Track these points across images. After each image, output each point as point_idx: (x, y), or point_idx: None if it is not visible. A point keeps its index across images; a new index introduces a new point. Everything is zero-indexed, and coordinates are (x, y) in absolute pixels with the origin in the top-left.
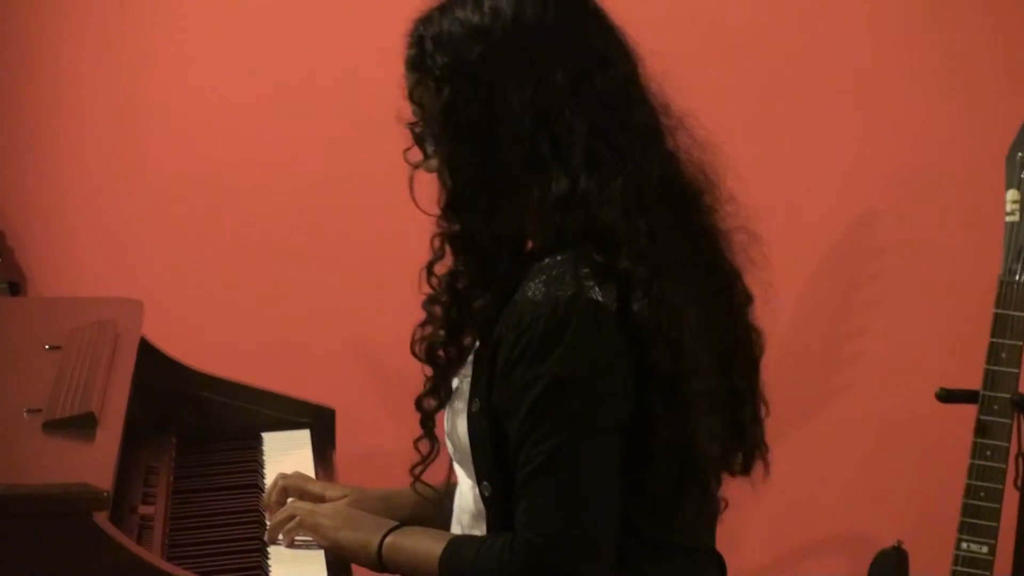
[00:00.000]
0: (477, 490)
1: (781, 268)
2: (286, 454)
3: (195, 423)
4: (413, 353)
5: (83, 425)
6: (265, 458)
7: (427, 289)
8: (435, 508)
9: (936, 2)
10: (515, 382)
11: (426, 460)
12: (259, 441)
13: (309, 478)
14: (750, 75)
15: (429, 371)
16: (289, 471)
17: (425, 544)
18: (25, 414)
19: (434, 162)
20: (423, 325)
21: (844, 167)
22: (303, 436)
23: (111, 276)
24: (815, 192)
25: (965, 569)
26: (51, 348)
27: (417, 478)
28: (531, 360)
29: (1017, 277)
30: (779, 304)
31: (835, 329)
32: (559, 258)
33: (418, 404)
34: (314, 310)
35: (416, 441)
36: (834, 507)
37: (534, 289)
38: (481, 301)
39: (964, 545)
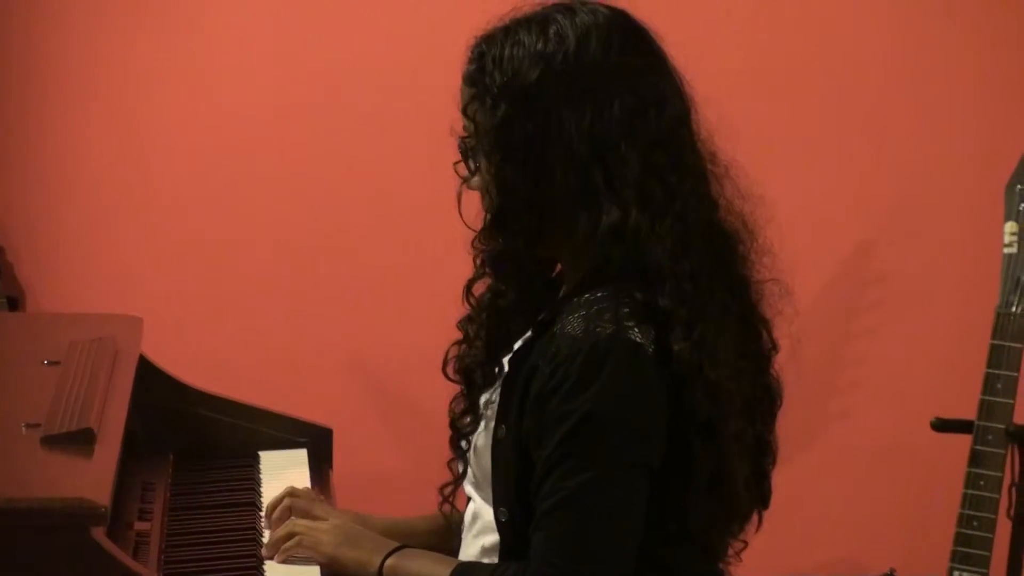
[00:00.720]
0: (490, 513)
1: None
2: (283, 473)
3: (193, 440)
4: (445, 373)
5: (81, 441)
6: (262, 476)
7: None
8: (444, 538)
9: (939, 33)
10: (548, 414)
11: (458, 481)
12: (256, 459)
13: (317, 501)
14: (749, 103)
15: (461, 391)
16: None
17: (429, 568)
18: (23, 428)
19: (478, 179)
20: (459, 344)
21: (843, 196)
22: (300, 455)
23: (110, 292)
24: (814, 220)
25: None
26: (50, 363)
27: (447, 499)
28: (566, 394)
29: (1014, 308)
30: (776, 331)
31: (832, 356)
32: (599, 294)
33: (453, 424)
34: (313, 329)
35: (449, 462)
36: (827, 534)
37: (573, 324)
38: (519, 322)
39: (956, 574)
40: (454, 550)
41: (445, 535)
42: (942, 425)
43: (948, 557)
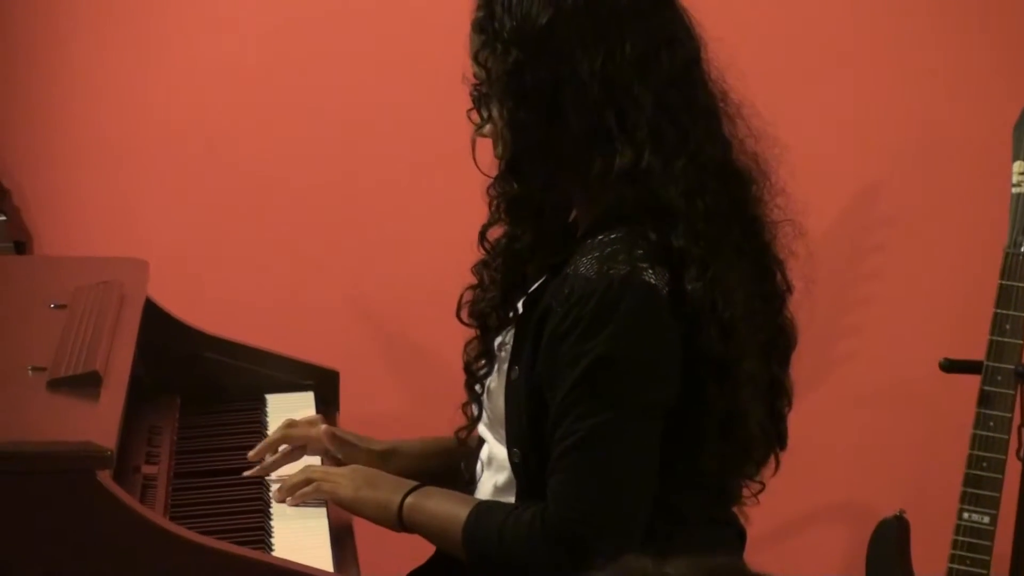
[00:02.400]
0: (504, 454)
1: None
2: (290, 415)
3: (199, 384)
4: (459, 316)
5: (87, 384)
6: (269, 419)
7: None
8: (444, 459)
9: None
10: (561, 356)
11: (472, 424)
12: (263, 402)
13: (309, 430)
14: (751, 46)
15: (476, 335)
16: None
17: (448, 507)
18: (30, 372)
19: (490, 126)
20: (474, 288)
21: (848, 138)
22: (307, 398)
23: (116, 236)
24: (818, 163)
25: (966, 539)
26: (56, 307)
27: (463, 442)
28: (580, 336)
29: (1022, 249)
30: (790, 272)
31: (838, 299)
32: (613, 236)
33: (467, 368)
34: (319, 272)
35: (464, 405)
36: (836, 477)
37: (587, 265)
38: (534, 266)
39: (966, 515)
40: (456, 473)
41: (446, 457)
42: (951, 366)
43: (958, 498)
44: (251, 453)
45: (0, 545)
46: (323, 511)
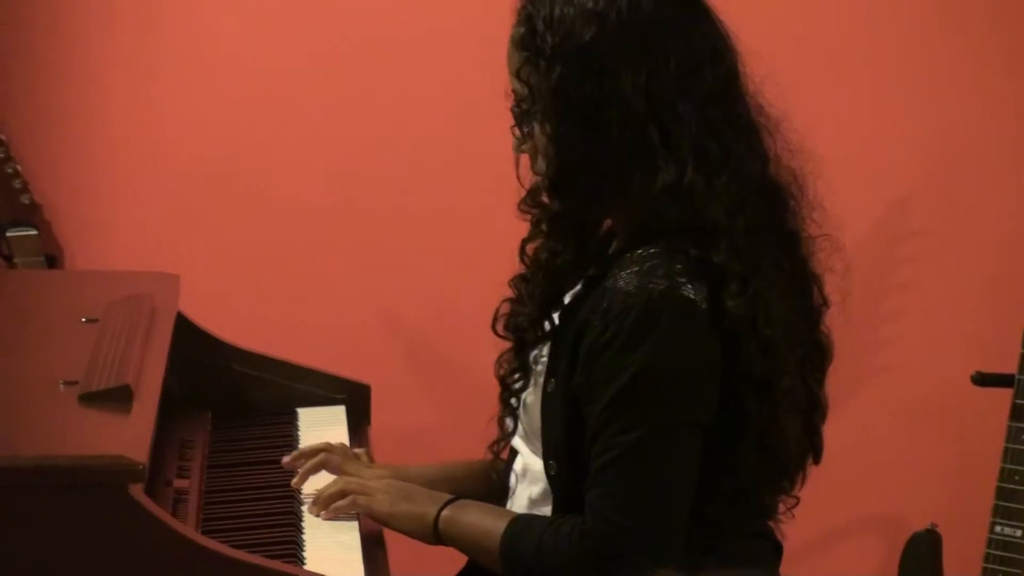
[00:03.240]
0: (540, 466)
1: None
2: (321, 429)
3: (231, 398)
4: (494, 330)
5: (119, 398)
6: (300, 433)
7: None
8: (481, 483)
9: None
10: (599, 370)
11: (507, 438)
12: (294, 416)
13: (351, 457)
14: (786, 55)
15: (511, 348)
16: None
17: (485, 520)
18: (61, 386)
19: (531, 143)
20: (510, 302)
21: (881, 149)
22: (338, 412)
23: (147, 250)
24: (851, 174)
25: (999, 552)
26: (88, 321)
27: (497, 455)
28: (618, 350)
29: None
30: (826, 286)
31: (870, 312)
32: (652, 250)
33: (503, 382)
34: (350, 286)
35: (499, 419)
36: (868, 489)
37: (626, 279)
38: (573, 281)
39: (998, 528)
40: (492, 495)
41: (482, 480)
42: (983, 379)
43: (990, 512)
44: (286, 460)
45: (32, 559)
46: (355, 524)
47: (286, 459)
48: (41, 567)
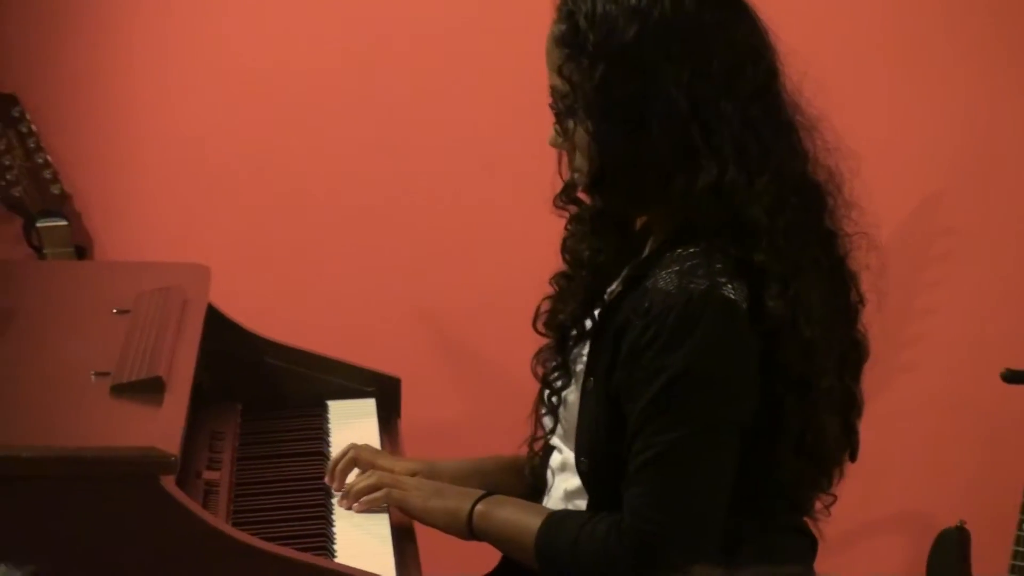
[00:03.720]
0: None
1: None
2: (351, 422)
3: (261, 390)
4: (535, 327)
5: (151, 389)
6: (331, 426)
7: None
8: (513, 476)
9: None
10: (639, 369)
11: (547, 436)
12: (324, 409)
13: (379, 451)
14: (819, 52)
15: (550, 346)
16: (355, 439)
17: (520, 515)
18: (93, 377)
19: (562, 139)
20: (553, 299)
21: (912, 147)
22: (368, 405)
23: (176, 242)
24: (882, 172)
25: None
26: (119, 312)
27: (536, 453)
28: (659, 350)
29: None
30: (862, 284)
31: (901, 309)
32: (692, 250)
33: (544, 380)
34: (381, 278)
35: (538, 416)
36: (897, 486)
37: (666, 279)
38: (612, 279)
39: None
40: (524, 491)
41: (514, 475)
42: (1012, 376)
43: (1018, 509)
44: (327, 479)
45: (63, 549)
46: (385, 517)
47: (328, 479)
48: (72, 558)
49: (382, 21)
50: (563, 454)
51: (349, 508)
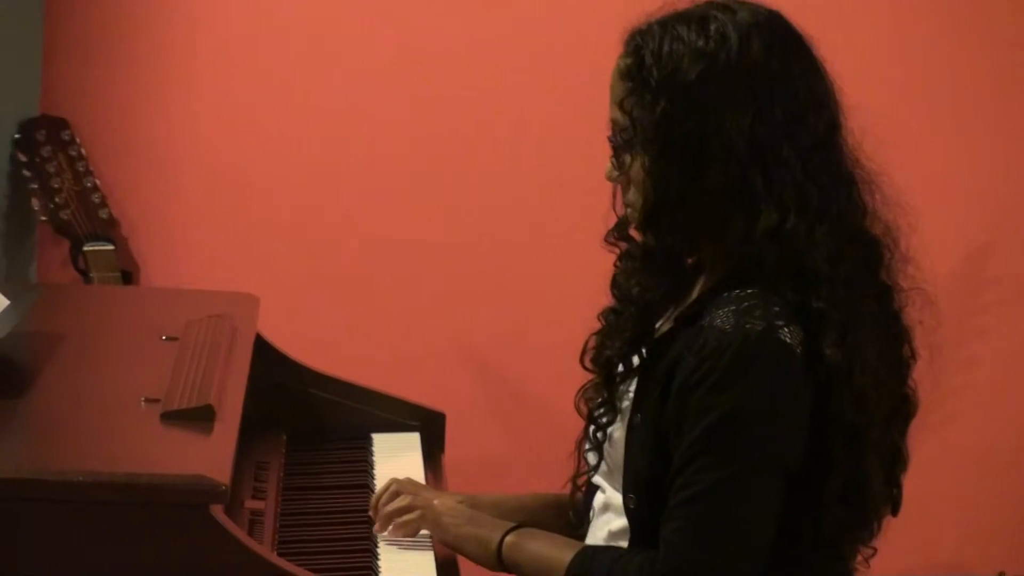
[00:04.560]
0: (621, 501)
1: None
2: (396, 456)
3: (306, 421)
4: (582, 363)
5: (201, 417)
6: (375, 459)
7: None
8: (553, 514)
9: None
10: (690, 406)
11: (591, 472)
12: (369, 442)
13: (422, 485)
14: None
15: (596, 382)
16: (398, 473)
17: (550, 549)
18: (143, 403)
19: (616, 172)
20: (600, 335)
21: (961, 196)
22: (413, 439)
23: (221, 270)
24: (930, 220)
25: None
26: (168, 339)
27: (579, 488)
28: (710, 388)
29: None
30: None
31: (943, 358)
32: (749, 291)
33: (590, 416)
34: (427, 313)
35: (583, 453)
36: (936, 536)
37: (723, 318)
38: (660, 315)
39: None
40: (565, 529)
41: (554, 511)
42: None
43: None
44: (373, 515)
45: (111, 575)
46: (430, 553)
47: (371, 512)
48: None
49: (440, 54)
50: (606, 494)
51: (383, 531)
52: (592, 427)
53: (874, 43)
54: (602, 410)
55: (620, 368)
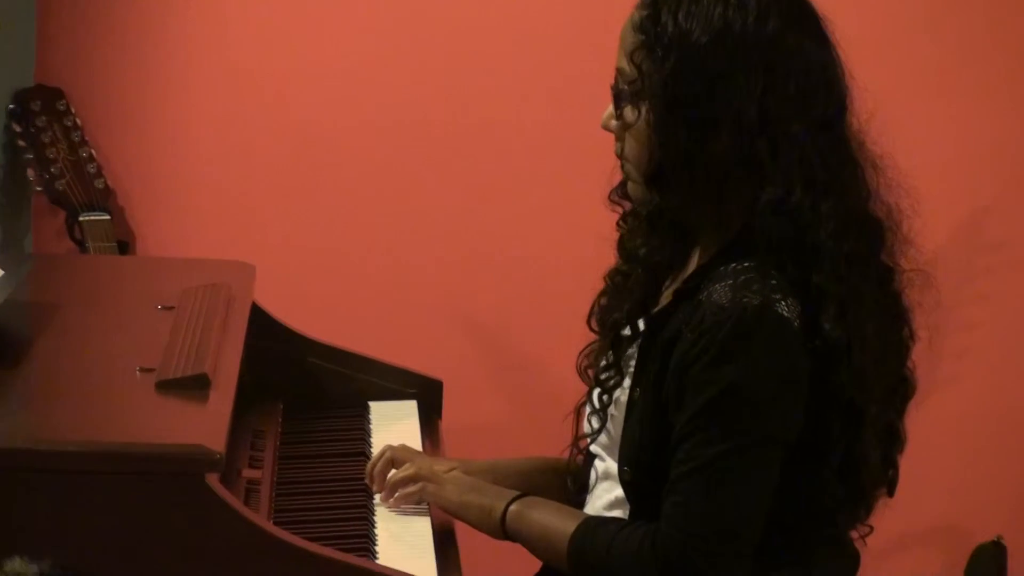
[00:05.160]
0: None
1: None
2: (393, 423)
3: (303, 389)
4: (589, 325)
5: (196, 386)
6: (372, 427)
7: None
8: (546, 478)
9: None
10: (689, 381)
11: (594, 435)
12: (366, 410)
13: (417, 451)
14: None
15: (602, 344)
16: (396, 440)
17: (554, 519)
18: (138, 372)
19: (614, 121)
20: (607, 296)
21: (959, 162)
22: (410, 406)
23: (218, 239)
24: (929, 186)
25: None
26: (163, 308)
27: (582, 451)
28: (709, 363)
29: None
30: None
31: (943, 322)
32: (747, 264)
33: (596, 379)
34: (424, 280)
35: (588, 416)
36: (933, 500)
37: (720, 292)
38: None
39: None
40: (561, 493)
41: (550, 476)
42: None
43: None
44: (370, 483)
45: (107, 544)
46: (427, 520)
47: (369, 481)
48: (116, 552)
49: (428, 22)
50: (605, 463)
51: (386, 502)
52: (598, 390)
53: (866, 16)
54: (608, 373)
55: (626, 331)
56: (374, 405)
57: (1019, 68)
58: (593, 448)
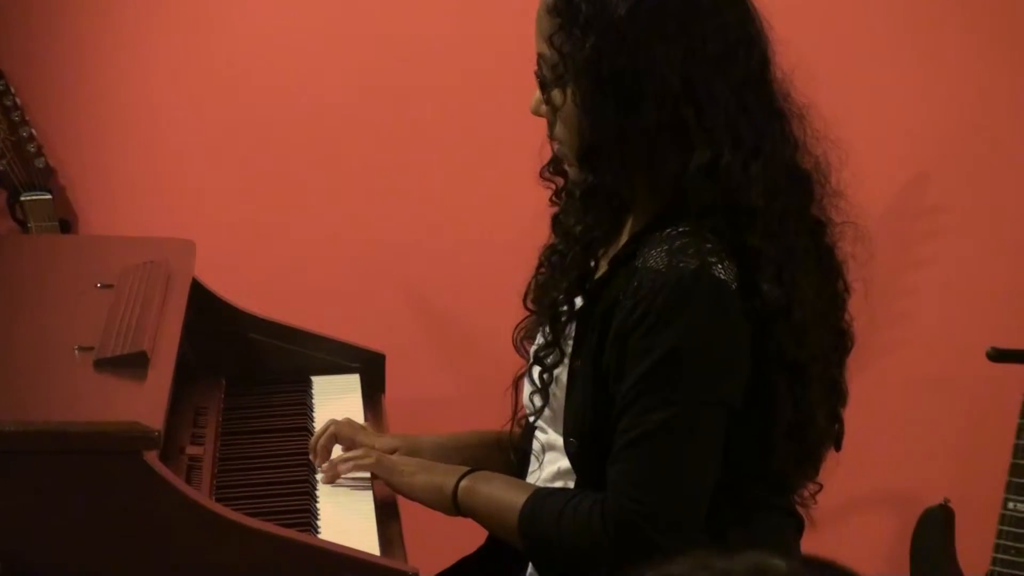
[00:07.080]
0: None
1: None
2: (336, 398)
3: (245, 365)
4: (525, 304)
5: (134, 364)
6: (315, 401)
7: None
8: (492, 452)
9: None
10: (628, 348)
11: (536, 413)
12: (309, 384)
13: (360, 426)
14: (801, 33)
15: (541, 322)
16: (339, 415)
17: (505, 492)
18: (76, 352)
19: (543, 106)
20: (543, 275)
21: (898, 127)
22: (353, 380)
23: (161, 216)
24: (868, 151)
25: (1012, 528)
26: (103, 287)
27: (520, 425)
28: (648, 329)
29: None
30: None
31: (886, 288)
32: (681, 229)
33: (535, 356)
34: (366, 254)
35: (531, 395)
36: (881, 465)
37: (656, 258)
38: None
39: (1011, 504)
40: (505, 467)
41: (495, 451)
42: (998, 355)
43: (1003, 488)
44: (313, 458)
45: (46, 524)
46: (369, 494)
47: (314, 459)
48: (55, 532)
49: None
50: (548, 435)
51: (336, 473)
52: (538, 368)
53: None
54: (547, 351)
55: (564, 308)
56: (316, 380)
57: (963, 33)
58: (539, 424)
